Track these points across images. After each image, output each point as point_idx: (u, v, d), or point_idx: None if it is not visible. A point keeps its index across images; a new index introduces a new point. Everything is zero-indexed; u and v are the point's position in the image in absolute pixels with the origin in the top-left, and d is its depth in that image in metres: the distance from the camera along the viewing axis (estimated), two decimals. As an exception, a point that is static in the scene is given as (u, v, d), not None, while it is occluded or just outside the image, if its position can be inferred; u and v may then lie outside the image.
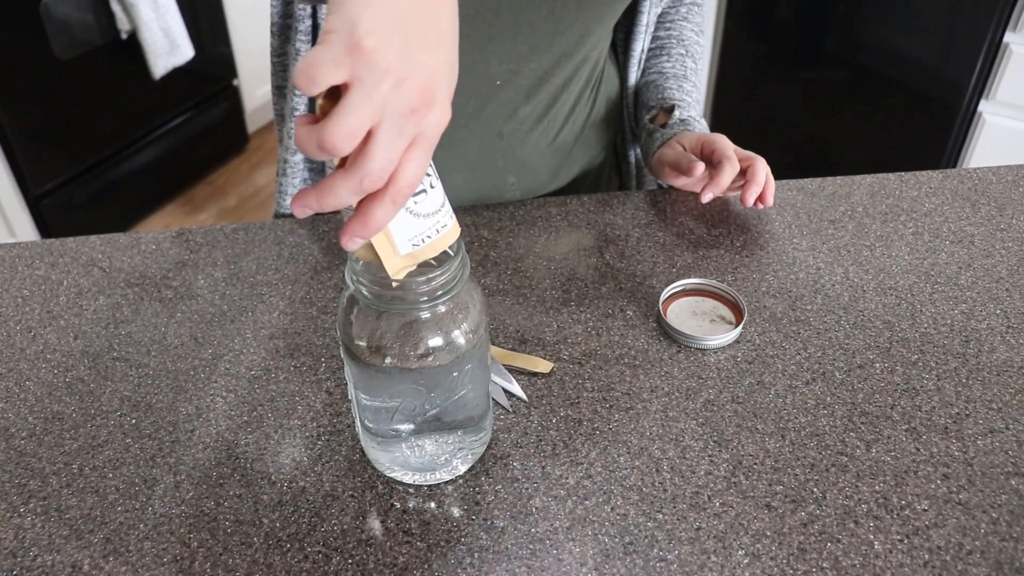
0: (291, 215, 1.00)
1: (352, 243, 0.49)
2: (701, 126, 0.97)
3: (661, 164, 0.94)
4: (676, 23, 1.03)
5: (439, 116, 0.47)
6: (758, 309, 0.78)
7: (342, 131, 0.43)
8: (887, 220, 0.91)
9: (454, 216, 0.54)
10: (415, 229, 0.52)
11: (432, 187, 0.52)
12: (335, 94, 0.45)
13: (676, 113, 0.97)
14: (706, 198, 0.87)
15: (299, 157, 0.96)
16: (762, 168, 0.87)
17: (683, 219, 0.92)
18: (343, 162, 0.46)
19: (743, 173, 0.88)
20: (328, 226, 0.92)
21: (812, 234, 0.89)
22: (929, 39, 1.98)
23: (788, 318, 0.77)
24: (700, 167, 0.86)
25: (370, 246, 0.51)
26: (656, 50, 1.03)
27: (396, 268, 0.52)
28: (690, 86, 1.02)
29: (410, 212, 0.51)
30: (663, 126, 0.97)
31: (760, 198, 0.87)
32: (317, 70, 0.43)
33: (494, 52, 0.87)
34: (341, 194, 0.46)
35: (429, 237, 0.52)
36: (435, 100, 0.47)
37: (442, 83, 0.48)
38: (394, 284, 0.53)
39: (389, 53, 0.44)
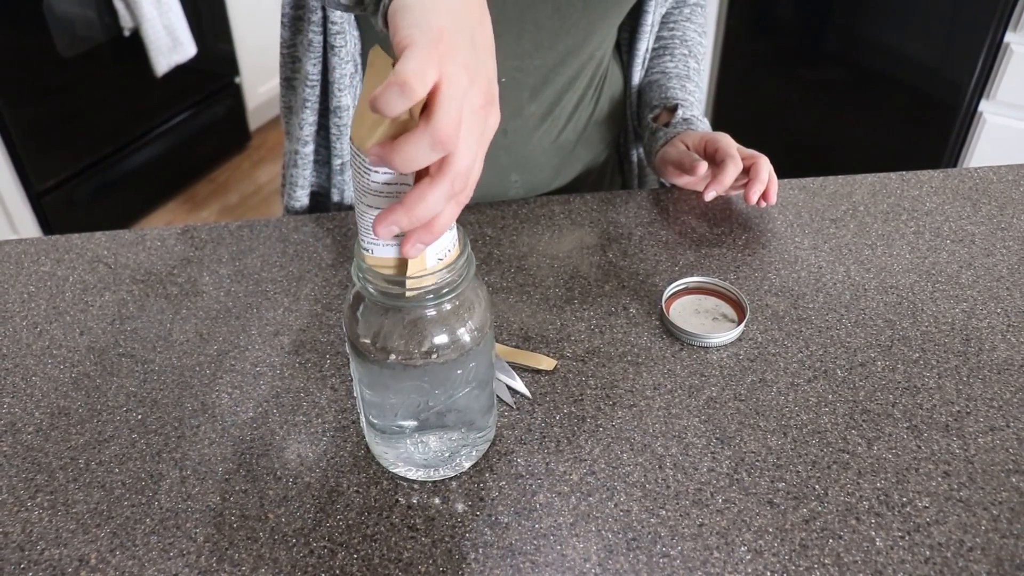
0: (301, 211, 1.01)
1: (416, 249, 0.49)
2: (704, 125, 0.98)
3: (664, 163, 0.94)
4: (680, 23, 1.04)
5: (496, 117, 0.48)
6: (760, 307, 0.79)
7: (452, 122, 0.43)
8: (888, 219, 0.91)
9: None
10: (442, 243, 0.52)
11: None
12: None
13: (679, 112, 0.97)
14: (709, 196, 0.87)
15: (309, 148, 0.96)
16: (765, 166, 0.88)
17: (686, 218, 0.92)
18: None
19: (746, 171, 0.88)
20: (333, 223, 0.92)
21: (814, 233, 0.89)
22: (930, 39, 1.98)
23: (790, 316, 0.78)
24: (703, 166, 0.87)
25: (383, 257, 0.52)
26: (659, 50, 1.03)
27: (419, 283, 0.53)
28: (692, 86, 1.02)
29: None
30: (666, 125, 0.98)
31: (763, 196, 0.87)
32: (418, 74, 0.42)
33: (499, 49, 0.87)
34: (434, 201, 0.46)
35: (448, 251, 0.53)
36: (494, 100, 0.48)
37: (496, 86, 0.49)
38: (408, 294, 0.53)
39: (462, 51, 0.45)
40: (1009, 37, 1.89)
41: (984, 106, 2.01)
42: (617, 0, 0.88)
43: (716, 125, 2.43)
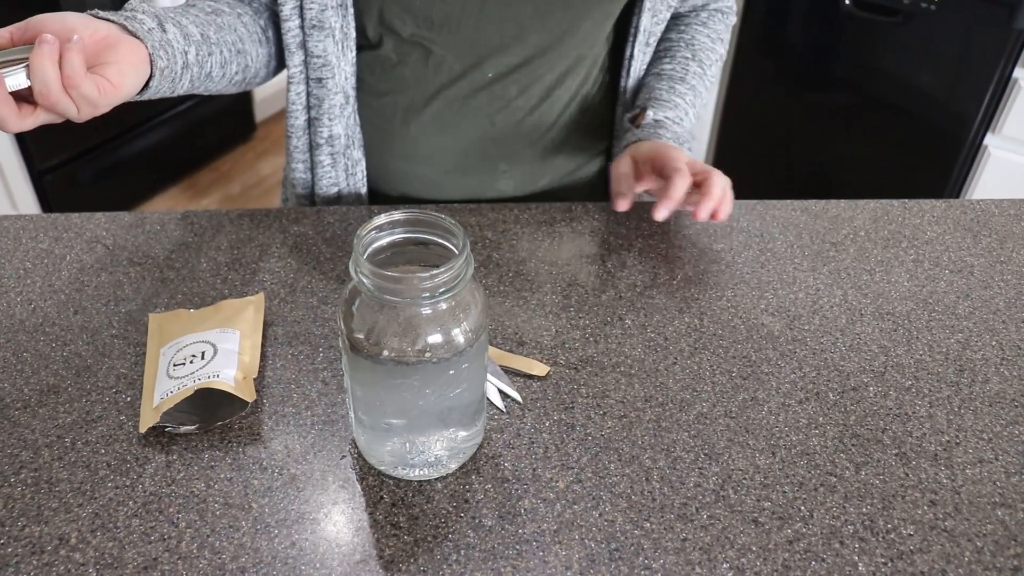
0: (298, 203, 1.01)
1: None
2: (679, 128, 0.95)
3: (612, 175, 0.94)
4: (691, 27, 1.03)
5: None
6: (755, 326, 0.79)
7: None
8: (888, 246, 0.91)
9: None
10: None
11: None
12: None
13: (650, 113, 0.94)
14: (660, 215, 0.83)
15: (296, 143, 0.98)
16: (718, 181, 0.83)
17: (686, 232, 0.92)
18: None
19: (698, 186, 0.84)
20: (333, 217, 0.92)
21: (813, 255, 0.89)
22: (939, 70, 1.99)
23: (785, 337, 0.78)
24: (622, 205, 0.89)
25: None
26: (662, 52, 1.02)
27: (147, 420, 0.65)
28: (685, 88, 0.98)
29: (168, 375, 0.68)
30: (640, 126, 0.95)
31: (713, 214, 0.83)
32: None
33: (482, 44, 0.89)
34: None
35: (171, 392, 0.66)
36: None
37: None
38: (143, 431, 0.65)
39: None
40: (1018, 72, 1.90)
41: (989, 140, 2.01)
42: (598, 2, 0.89)
43: (721, 144, 2.44)
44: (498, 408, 0.69)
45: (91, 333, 0.75)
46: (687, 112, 0.97)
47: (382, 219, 0.58)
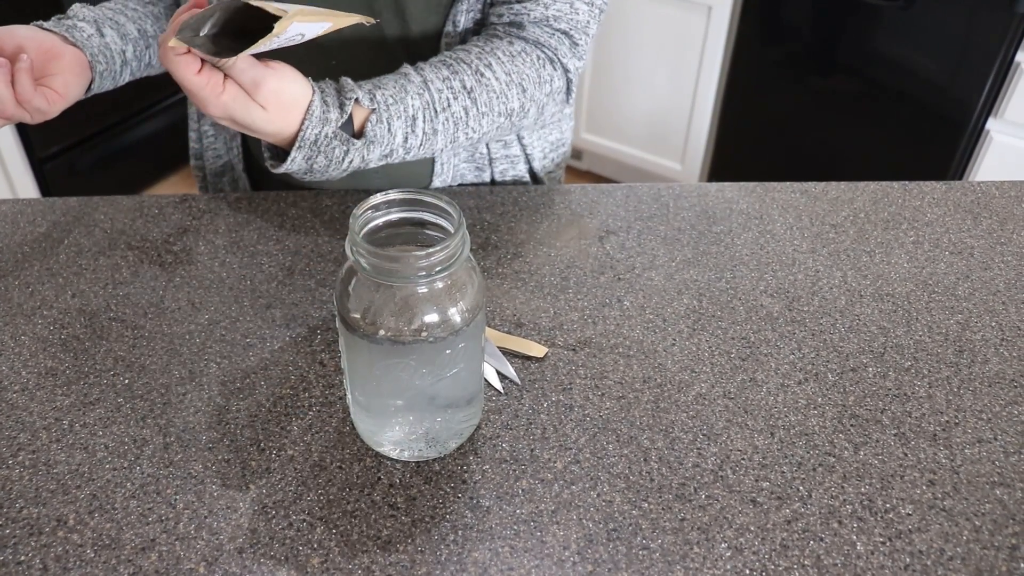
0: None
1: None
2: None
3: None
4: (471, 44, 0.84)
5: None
6: (755, 307, 0.79)
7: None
8: (888, 227, 0.91)
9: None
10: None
11: None
12: None
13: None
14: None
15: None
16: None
17: (685, 214, 0.92)
18: None
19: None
20: (331, 200, 0.92)
21: (813, 237, 0.89)
22: (941, 55, 1.98)
23: (784, 318, 0.78)
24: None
25: None
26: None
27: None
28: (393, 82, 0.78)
29: None
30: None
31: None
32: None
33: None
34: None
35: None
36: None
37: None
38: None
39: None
40: (1020, 57, 1.89)
41: (991, 124, 2.00)
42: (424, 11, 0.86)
43: (722, 129, 2.43)
44: (496, 389, 0.69)
45: (89, 316, 0.75)
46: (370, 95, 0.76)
47: (378, 198, 0.57)
